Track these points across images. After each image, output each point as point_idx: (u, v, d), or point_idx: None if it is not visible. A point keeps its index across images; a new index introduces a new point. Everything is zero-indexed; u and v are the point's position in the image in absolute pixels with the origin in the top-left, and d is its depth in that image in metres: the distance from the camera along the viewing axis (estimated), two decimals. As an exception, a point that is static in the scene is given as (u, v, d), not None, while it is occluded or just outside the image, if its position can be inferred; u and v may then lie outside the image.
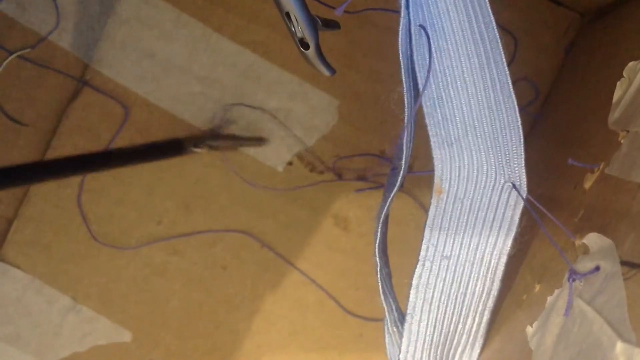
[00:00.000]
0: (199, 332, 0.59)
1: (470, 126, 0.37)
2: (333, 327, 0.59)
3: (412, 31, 0.36)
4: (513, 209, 0.37)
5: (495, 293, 0.39)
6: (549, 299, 0.35)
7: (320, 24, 0.36)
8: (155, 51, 0.57)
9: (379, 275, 0.42)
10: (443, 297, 0.39)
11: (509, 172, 0.37)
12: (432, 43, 0.35)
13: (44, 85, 0.57)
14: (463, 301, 0.39)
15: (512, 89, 0.36)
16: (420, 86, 0.36)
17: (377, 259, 0.42)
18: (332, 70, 0.38)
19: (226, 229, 0.58)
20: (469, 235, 0.38)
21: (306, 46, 0.36)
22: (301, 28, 0.35)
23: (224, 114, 0.52)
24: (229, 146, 0.56)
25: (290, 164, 0.58)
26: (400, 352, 0.41)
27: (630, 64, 0.37)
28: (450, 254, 0.38)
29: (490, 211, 0.38)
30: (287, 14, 0.35)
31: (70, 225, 0.57)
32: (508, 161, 0.37)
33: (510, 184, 0.37)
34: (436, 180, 0.37)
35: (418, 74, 0.37)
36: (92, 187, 0.57)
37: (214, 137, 0.55)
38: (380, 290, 0.42)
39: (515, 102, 0.36)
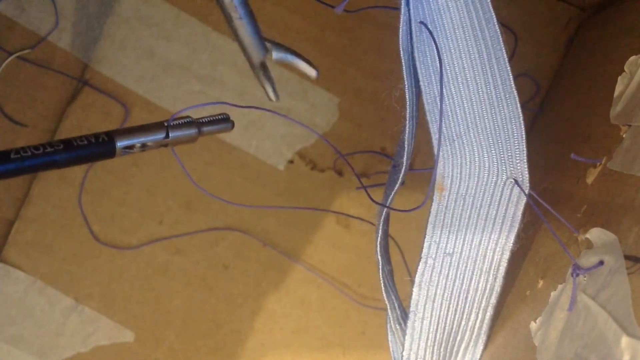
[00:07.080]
0: (201, 332, 0.59)
1: (471, 122, 0.37)
2: (336, 325, 0.59)
3: (413, 28, 0.36)
4: (515, 205, 0.37)
5: (498, 289, 0.39)
6: (553, 294, 0.35)
7: None
8: (155, 50, 0.57)
9: (381, 273, 0.42)
10: (446, 294, 0.39)
11: (511, 168, 0.37)
12: (436, 39, 0.35)
13: (43, 85, 0.56)
14: (466, 298, 0.39)
15: (513, 85, 0.36)
16: (422, 83, 0.36)
17: (379, 257, 0.42)
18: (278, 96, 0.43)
19: (228, 228, 0.58)
20: (472, 232, 0.38)
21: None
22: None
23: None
24: (187, 137, 0.42)
25: (291, 162, 0.58)
26: (403, 349, 0.41)
27: (632, 58, 0.37)
28: (453, 251, 0.38)
29: (492, 207, 0.38)
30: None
31: (72, 225, 0.57)
32: (510, 157, 0.37)
33: (513, 180, 0.37)
34: (438, 177, 0.37)
35: (419, 71, 0.36)
36: (93, 187, 0.57)
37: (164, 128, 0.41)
38: (383, 288, 0.42)
39: (517, 98, 0.36)
